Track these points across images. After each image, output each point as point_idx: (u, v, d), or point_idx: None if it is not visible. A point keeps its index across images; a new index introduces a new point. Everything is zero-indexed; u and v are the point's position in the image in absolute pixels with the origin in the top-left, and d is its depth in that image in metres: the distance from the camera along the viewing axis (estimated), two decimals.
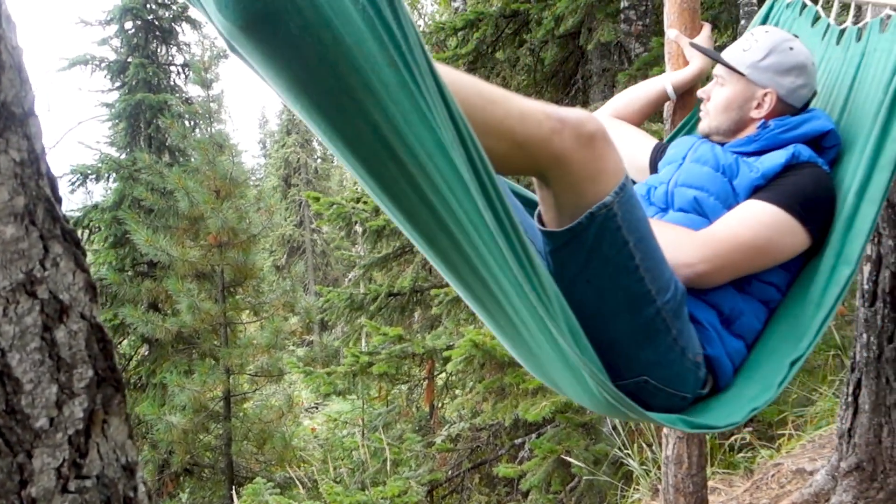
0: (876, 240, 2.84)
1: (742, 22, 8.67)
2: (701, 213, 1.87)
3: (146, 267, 10.42)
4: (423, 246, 1.32)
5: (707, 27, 2.90)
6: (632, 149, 2.39)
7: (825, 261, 1.83)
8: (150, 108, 10.54)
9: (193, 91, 11.36)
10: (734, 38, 9.47)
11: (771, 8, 2.67)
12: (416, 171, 1.12)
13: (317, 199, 6.99)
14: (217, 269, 9.00)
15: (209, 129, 9.35)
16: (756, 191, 1.85)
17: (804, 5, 2.53)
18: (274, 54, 1.04)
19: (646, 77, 5.98)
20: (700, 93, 2.17)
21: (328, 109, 1.09)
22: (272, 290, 9.48)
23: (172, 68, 11.36)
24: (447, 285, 7.00)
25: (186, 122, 10.83)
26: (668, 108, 2.99)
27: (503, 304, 1.34)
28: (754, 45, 2.02)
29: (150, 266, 10.28)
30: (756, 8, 8.72)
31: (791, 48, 2.01)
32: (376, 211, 6.72)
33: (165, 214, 9.73)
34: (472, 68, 6.92)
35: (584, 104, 6.82)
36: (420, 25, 18.51)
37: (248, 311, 9.70)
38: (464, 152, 1.16)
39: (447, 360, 5.24)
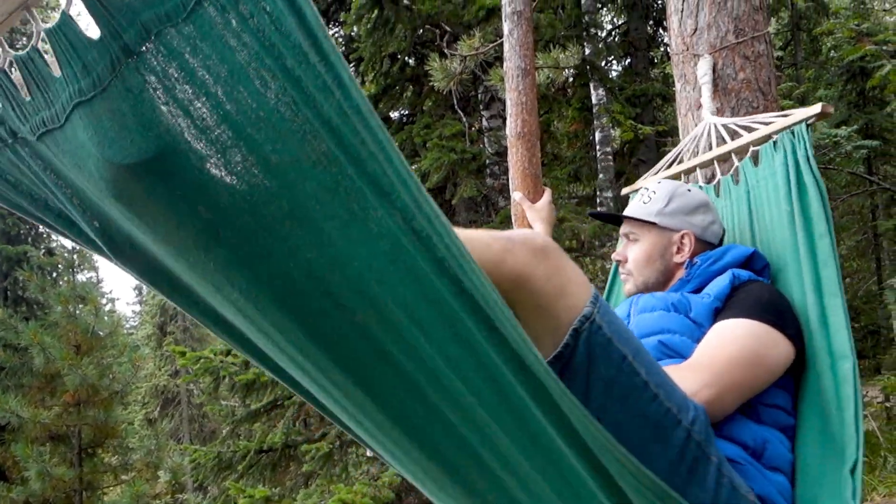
0: None
1: (601, 175, 9.30)
2: (672, 355, 1.73)
3: None
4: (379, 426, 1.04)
5: (548, 192, 3.08)
6: None
7: (819, 364, 1.75)
8: (7, 261, 10.06)
9: (60, 238, 10.96)
10: (594, 191, 10.11)
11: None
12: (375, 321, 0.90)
13: (183, 354, 6.74)
14: (74, 430, 8.38)
15: (72, 279, 8.96)
16: (717, 314, 1.77)
17: None
18: (173, 196, 0.84)
19: (509, 228, 6.25)
20: (615, 256, 2.15)
21: (242, 264, 0.87)
22: (140, 447, 8.87)
23: None
24: (320, 439, 6.77)
25: (47, 275, 10.37)
26: None
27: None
28: (652, 196, 2.04)
29: None
30: (612, 163, 9.40)
31: (689, 190, 2.05)
32: (246, 364, 6.53)
33: (18, 372, 9.10)
34: None
35: None
36: None
37: (109, 474, 9.01)
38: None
39: None
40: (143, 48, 0.84)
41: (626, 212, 2.07)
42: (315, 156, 0.82)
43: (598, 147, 8.88)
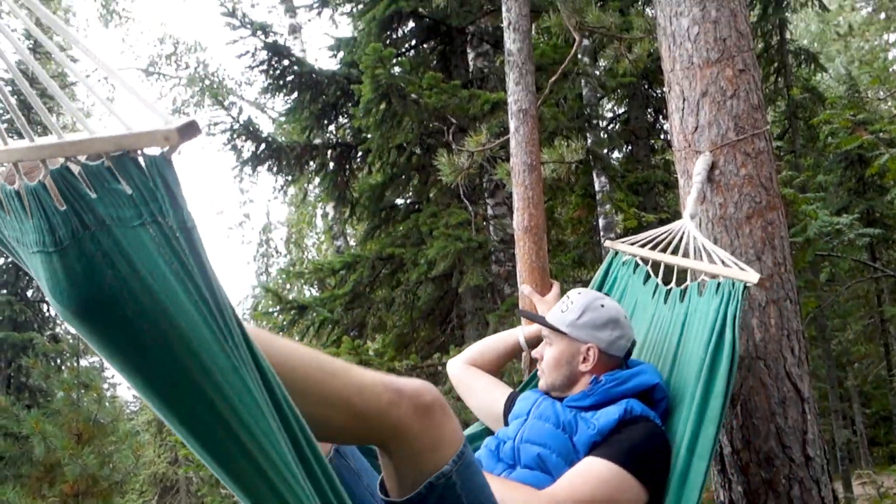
0: (726, 486, 2.93)
1: (605, 243, 9.35)
2: (545, 470, 1.96)
3: None
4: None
5: (556, 286, 3.13)
6: (487, 398, 2.52)
7: None
8: (12, 347, 10.05)
9: (65, 325, 10.97)
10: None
11: (610, 263, 2.97)
12: (250, 444, 1.15)
13: (184, 444, 6.64)
14: None
15: (76, 365, 8.93)
16: (594, 447, 1.96)
17: (637, 265, 2.83)
18: (109, 339, 1.07)
19: (514, 316, 6.29)
20: (534, 353, 2.37)
21: (164, 389, 1.12)
22: None
23: (43, 304, 11.02)
24: None
25: (52, 361, 10.33)
26: (524, 357, 3.13)
27: None
28: (570, 306, 2.24)
29: None
30: None
31: (602, 305, 2.24)
32: None
33: (18, 462, 8.96)
34: (349, 308, 7.04)
35: (460, 342, 6.98)
36: (304, 260, 18.94)
37: None
38: (283, 426, 1.20)
39: None
40: (98, 229, 1.05)
41: (547, 317, 2.28)
42: (219, 345, 1.09)
43: (601, 233, 8.96)
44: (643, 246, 2.84)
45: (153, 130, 1.02)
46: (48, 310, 11.32)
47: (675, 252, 2.77)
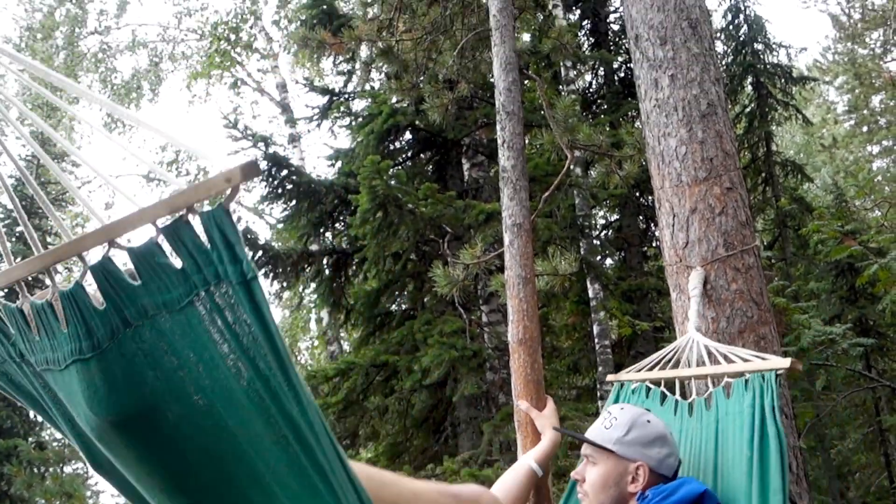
0: None
1: (600, 368, 9.31)
2: None
3: None
4: None
5: (551, 401, 3.10)
6: None
7: None
8: None
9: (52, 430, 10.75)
10: (594, 382, 10.07)
11: (617, 395, 2.86)
12: None
13: None
14: None
15: (60, 473, 8.72)
16: None
17: (648, 388, 2.75)
18: (147, 449, 0.99)
19: (509, 426, 6.21)
20: (574, 475, 2.22)
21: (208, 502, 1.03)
22: None
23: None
24: None
25: (36, 468, 10.07)
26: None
27: None
28: (614, 422, 2.13)
29: None
30: (611, 356, 9.43)
31: (648, 420, 2.14)
32: None
33: None
34: (342, 416, 6.95)
35: (454, 451, 6.86)
36: (297, 365, 18.77)
37: None
38: None
39: None
40: (140, 323, 0.99)
41: (588, 434, 2.17)
42: (274, 437, 0.98)
43: (596, 340, 8.95)
44: (651, 369, 2.77)
45: (212, 177, 0.95)
46: (34, 415, 11.11)
47: (687, 366, 2.71)
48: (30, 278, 1.13)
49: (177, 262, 0.99)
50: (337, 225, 8.55)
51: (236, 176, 0.93)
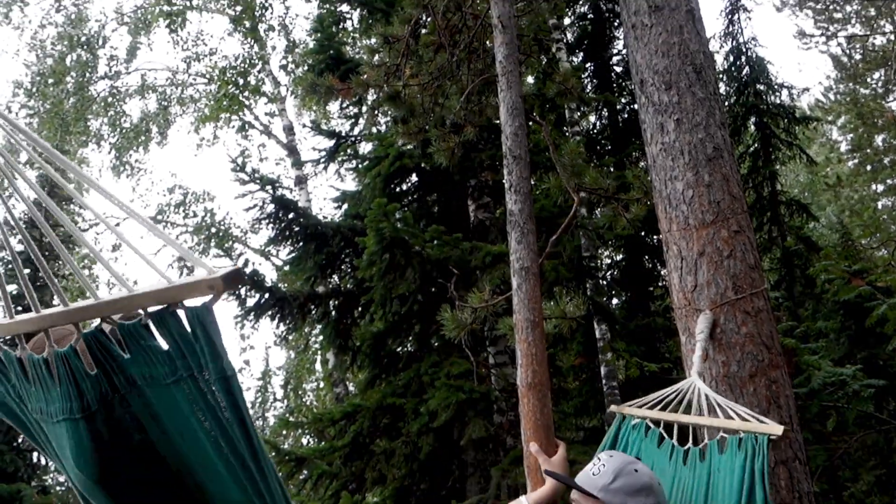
0: None
1: (608, 410, 9.22)
2: None
3: None
4: None
5: (562, 447, 3.08)
6: None
7: None
8: (0, 499, 9.72)
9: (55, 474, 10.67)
10: (601, 423, 9.97)
11: (618, 429, 2.89)
12: None
13: None
14: None
15: None
16: None
17: (648, 427, 2.77)
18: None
19: (518, 470, 6.14)
20: None
21: None
22: None
23: (34, 453, 10.76)
24: None
25: None
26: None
27: None
28: (602, 469, 2.18)
29: None
30: (619, 397, 9.36)
31: (636, 470, 2.18)
32: None
33: None
34: (348, 460, 6.89)
35: (462, 496, 6.78)
36: (302, 407, 18.65)
37: None
38: None
39: None
40: (128, 391, 1.05)
41: (577, 479, 2.24)
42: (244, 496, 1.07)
43: (604, 381, 8.89)
44: (652, 407, 2.80)
45: (197, 280, 1.02)
46: (38, 458, 11.04)
47: (686, 411, 2.75)
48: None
49: (163, 344, 1.05)
50: (343, 266, 8.56)
51: (219, 286, 1.01)
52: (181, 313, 1.04)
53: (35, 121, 15.14)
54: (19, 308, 1.15)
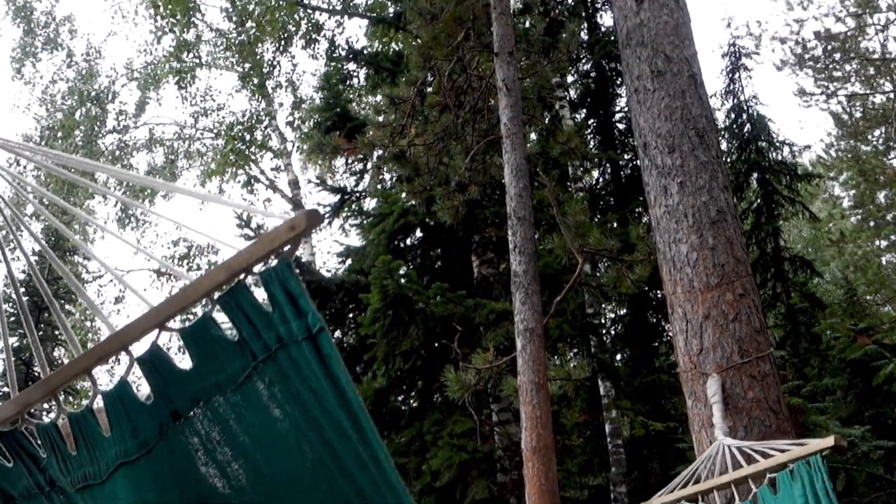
0: None
1: (613, 469, 9.08)
2: None
3: None
4: None
5: None
6: None
7: None
8: None
9: None
10: (607, 482, 9.80)
11: None
12: None
13: None
14: None
15: None
16: None
17: None
18: None
19: None
20: None
21: None
22: None
23: None
24: None
25: None
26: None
27: None
28: None
29: None
30: (624, 456, 9.22)
31: None
32: None
33: None
34: None
35: None
36: None
37: None
38: None
39: None
40: (192, 413, 0.92)
41: None
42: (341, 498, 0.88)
43: (608, 439, 8.77)
44: (684, 486, 2.74)
45: (275, 228, 0.89)
46: None
47: (724, 471, 2.68)
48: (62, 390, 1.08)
49: (233, 334, 0.92)
50: (346, 322, 8.54)
51: (301, 223, 0.88)
52: (252, 285, 0.91)
53: (42, 173, 15.29)
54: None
